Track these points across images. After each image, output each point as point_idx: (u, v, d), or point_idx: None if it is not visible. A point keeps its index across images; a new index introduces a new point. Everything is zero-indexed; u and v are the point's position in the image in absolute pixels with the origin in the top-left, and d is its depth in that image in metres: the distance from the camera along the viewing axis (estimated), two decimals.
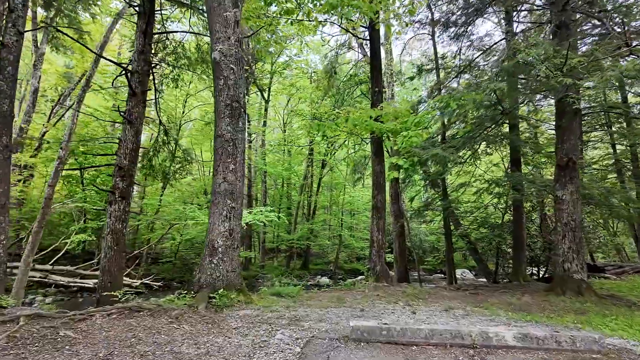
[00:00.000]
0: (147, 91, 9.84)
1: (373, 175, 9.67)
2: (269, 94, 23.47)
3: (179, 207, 18.44)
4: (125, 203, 9.18)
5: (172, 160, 12.35)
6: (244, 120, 6.83)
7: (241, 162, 6.80)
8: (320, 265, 25.72)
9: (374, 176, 9.63)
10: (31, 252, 9.47)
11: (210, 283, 6.51)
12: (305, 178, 23.86)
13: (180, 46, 12.41)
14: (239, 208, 6.85)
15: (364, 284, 8.71)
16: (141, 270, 18.69)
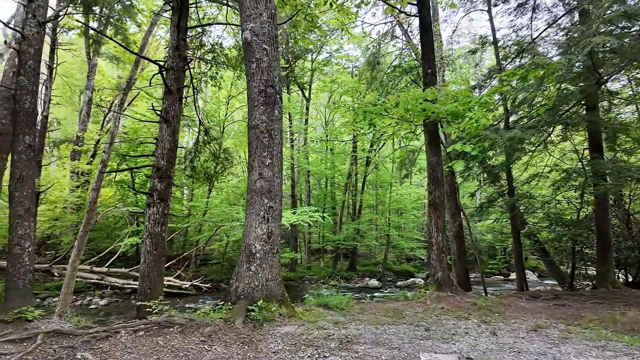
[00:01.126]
0: (183, 88, 9.26)
1: (428, 168, 8.39)
2: (310, 92, 22.65)
3: (225, 209, 18.12)
4: (164, 205, 8.63)
5: (214, 161, 11.80)
6: (280, 108, 5.90)
7: (278, 156, 5.87)
8: (368, 267, 24.48)
9: (430, 169, 8.34)
10: (77, 256, 9.24)
11: (249, 293, 5.63)
12: (349, 176, 22.73)
13: (217, 44, 11.85)
14: (278, 208, 5.92)
15: (423, 294, 7.47)
16: (190, 271, 18.60)
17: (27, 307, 4.83)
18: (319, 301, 6.49)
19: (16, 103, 5.01)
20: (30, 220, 4.99)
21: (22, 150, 4.94)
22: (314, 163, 22.64)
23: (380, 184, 24.56)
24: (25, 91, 4.99)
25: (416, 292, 7.97)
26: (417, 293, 7.80)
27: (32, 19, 5.09)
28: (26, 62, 5.02)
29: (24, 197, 4.92)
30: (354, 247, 22.32)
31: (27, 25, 5.09)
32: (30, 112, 5.09)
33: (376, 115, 6.88)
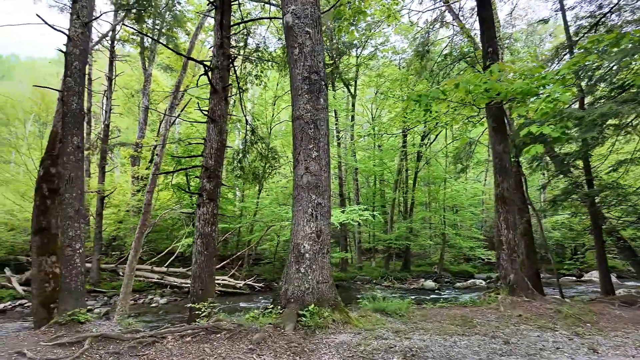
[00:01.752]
0: (229, 87, 9.08)
1: (494, 157, 7.43)
2: (356, 88, 21.99)
3: (274, 209, 18.05)
4: (213, 205, 8.47)
5: (262, 160, 11.61)
6: (326, 96, 5.38)
7: (325, 148, 5.35)
8: (422, 267, 23.29)
9: (495, 159, 7.38)
10: (134, 257, 9.43)
11: (299, 297, 5.17)
12: (399, 173, 21.72)
13: (262, 42, 11.65)
14: (327, 204, 5.40)
15: (493, 298, 6.57)
16: (244, 271, 18.75)
17: (79, 309, 4.76)
18: (376, 306, 5.88)
19: (64, 104, 5.00)
20: (80, 221, 4.95)
21: (71, 152, 4.90)
22: (361, 160, 21.92)
23: (433, 180, 23.26)
24: (72, 92, 4.96)
25: (485, 296, 7.07)
26: (486, 297, 6.90)
27: (77, 19, 5.06)
28: (72, 63, 5.00)
29: (74, 199, 4.88)
30: (407, 247, 21.28)
31: (72, 26, 5.07)
32: (77, 113, 5.05)
33: (432, 99, 6.12)
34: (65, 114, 4.98)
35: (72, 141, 4.94)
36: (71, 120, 4.95)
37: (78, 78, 5.07)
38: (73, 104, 5.00)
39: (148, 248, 19.34)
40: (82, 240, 5.05)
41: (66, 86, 4.99)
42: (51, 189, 7.57)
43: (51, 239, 7.48)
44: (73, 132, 4.98)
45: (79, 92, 5.09)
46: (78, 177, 4.97)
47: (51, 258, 7.41)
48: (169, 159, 18.34)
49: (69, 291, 4.85)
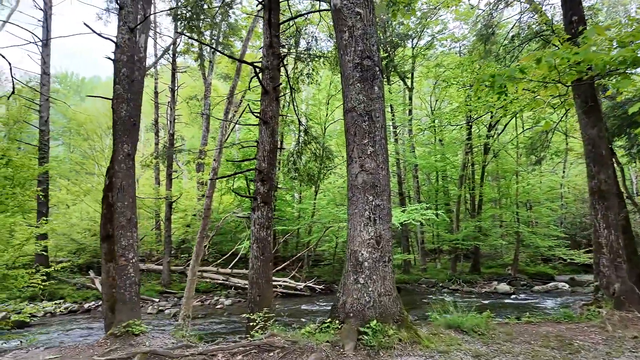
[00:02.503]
0: (279, 87, 8.76)
1: (586, 143, 6.18)
2: (412, 80, 20.78)
3: (331, 210, 17.64)
4: (268, 209, 8.19)
5: (316, 161, 11.19)
6: (381, 84, 4.72)
7: (382, 143, 4.70)
8: (494, 269, 21.32)
9: (588, 145, 6.12)
10: (196, 261, 9.52)
11: (358, 311, 4.57)
12: (465, 168, 20.06)
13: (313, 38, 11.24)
14: (386, 206, 4.74)
15: (594, 313, 5.40)
16: (304, 272, 18.57)
17: (133, 321, 4.64)
18: (449, 321, 5.07)
19: (113, 112, 4.95)
20: (132, 230, 4.85)
21: (122, 160, 4.83)
22: (421, 156, 20.63)
23: (503, 174, 21.20)
24: (121, 99, 4.90)
25: (582, 309, 5.86)
26: (585, 311, 5.70)
27: (123, 26, 5.00)
28: (120, 70, 4.94)
29: (126, 207, 4.80)
30: (476, 247, 19.58)
31: (119, 32, 5.03)
32: (127, 120, 4.98)
33: (508, 79, 5.16)
34: (115, 121, 4.94)
35: (123, 149, 4.87)
36: (121, 127, 4.89)
37: (126, 85, 5.00)
38: (122, 111, 4.94)
39: (213, 250, 19.99)
40: (135, 250, 4.97)
41: (115, 94, 4.94)
42: None
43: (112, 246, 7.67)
44: (123, 139, 4.91)
45: (127, 100, 5.01)
46: (129, 185, 4.89)
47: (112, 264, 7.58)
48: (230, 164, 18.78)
49: (123, 302, 4.78)
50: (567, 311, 5.58)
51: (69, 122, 23.50)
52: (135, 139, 5.32)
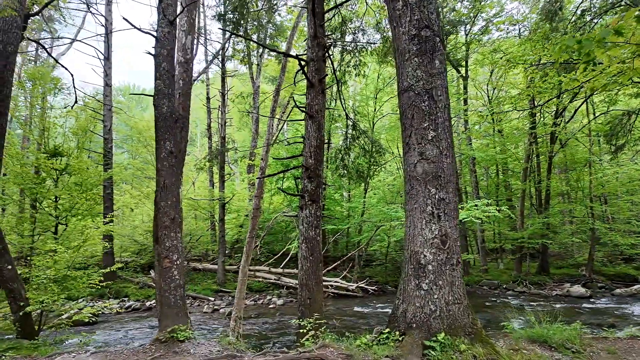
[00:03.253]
0: (325, 79, 8.27)
1: None
2: (467, 68, 19.31)
3: (382, 208, 16.86)
4: (316, 207, 7.72)
5: (365, 156, 10.56)
6: (443, 58, 4.01)
7: (445, 125, 3.99)
8: (564, 269, 19.18)
9: None
10: (246, 261, 9.31)
11: (422, 321, 3.91)
12: (529, 160, 18.21)
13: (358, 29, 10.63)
14: (452, 200, 4.02)
15: None
16: (355, 273, 17.98)
17: (178, 326, 4.38)
18: (531, 334, 4.22)
19: (155, 108, 4.74)
20: (177, 230, 4.60)
21: (164, 157, 4.60)
22: (479, 149, 19.09)
23: (573, 164, 18.97)
24: (162, 94, 4.67)
25: None
26: None
27: (162, 19, 4.77)
28: (160, 65, 4.72)
29: (169, 207, 4.55)
30: (544, 246, 17.68)
31: (159, 26, 4.82)
32: (169, 116, 4.74)
33: (599, 44, 4.20)
34: (157, 118, 4.73)
35: (165, 147, 4.64)
36: (162, 124, 4.67)
37: (167, 80, 4.78)
38: (164, 107, 4.71)
39: (265, 250, 20.06)
40: (180, 251, 4.71)
41: (156, 89, 4.73)
42: None
43: None
44: (165, 136, 4.68)
45: (169, 95, 4.78)
46: (173, 183, 4.65)
47: None
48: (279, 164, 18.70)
49: (168, 306, 4.53)
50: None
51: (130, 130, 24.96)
52: (179, 137, 5.09)
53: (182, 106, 8.04)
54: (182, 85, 8.11)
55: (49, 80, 16.84)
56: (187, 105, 8.15)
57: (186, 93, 8.15)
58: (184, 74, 8.19)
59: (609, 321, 10.49)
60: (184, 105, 8.08)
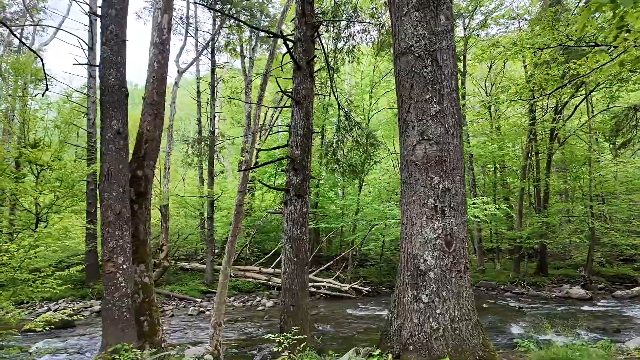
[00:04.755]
0: (314, 60, 7.42)
1: None
2: (465, 63, 18.55)
3: (377, 206, 16.05)
4: (302, 202, 6.87)
5: (359, 149, 9.72)
6: (450, 12, 3.16)
7: (453, 98, 3.15)
8: (563, 270, 18.48)
9: None
10: (228, 262, 8.44)
11: (422, 342, 3.07)
12: (528, 157, 17.45)
13: (353, 12, 9.76)
14: (460, 190, 3.19)
15: None
16: (349, 273, 17.17)
17: (122, 345, 3.51)
18: (554, 355, 3.39)
19: (100, 80, 3.87)
20: (123, 228, 3.73)
21: (110, 139, 3.73)
22: (476, 146, 18.33)
23: (570, 163, 18.25)
24: (109, 63, 3.81)
25: None
26: None
27: None
28: (107, 28, 3.85)
29: (114, 199, 3.69)
30: (543, 246, 16.95)
31: None
32: (117, 90, 3.87)
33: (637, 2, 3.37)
34: (102, 91, 3.86)
35: (112, 126, 3.77)
36: (109, 99, 3.79)
37: (115, 46, 3.91)
38: (110, 78, 3.84)
39: (256, 249, 19.18)
40: (128, 253, 3.85)
41: (101, 57, 3.85)
42: (138, 193, 6.87)
43: (140, 246, 6.77)
44: (112, 114, 3.81)
45: (117, 64, 3.91)
46: (120, 171, 3.78)
47: (140, 267, 6.66)
48: (270, 156, 17.79)
49: (111, 320, 3.65)
50: None
51: None
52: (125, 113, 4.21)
53: (157, 91, 7.16)
54: (157, 68, 7.21)
55: (30, 71, 15.86)
56: (162, 90, 7.27)
57: (161, 77, 7.25)
58: (159, 56, 7.29)
59: (613, 325, 9.84)
60: (159, 90, 7.20)
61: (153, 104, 7.13)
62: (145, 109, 7.14)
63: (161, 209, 16.50)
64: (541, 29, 7.62)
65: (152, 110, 7.10)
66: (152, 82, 7.27)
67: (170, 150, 17.31)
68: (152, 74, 7.43)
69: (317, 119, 15.48)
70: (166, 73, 7.42)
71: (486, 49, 16.81)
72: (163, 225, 16.33)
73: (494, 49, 16.38)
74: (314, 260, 18.28)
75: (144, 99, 7.21)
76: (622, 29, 3.97)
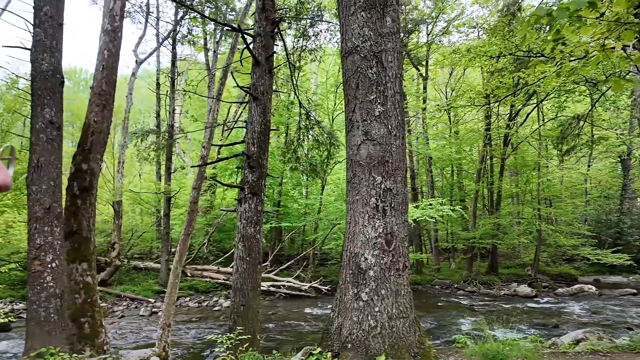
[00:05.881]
0: (273, 57, 7.34)
1: None
2: (427, 69, 19.12)
3: (339, 205, 16.18)
4: (257, 200, 6.77)
5: (319, 148, 9.73)
6: (397, 16, 3.22)
7: (396, 100, 3.21)
8: (512, 269, 19.57)
9: None
10: (179, 262, 8.14)
11: (360, 340, 3.10)
12: (483, 161, 18.32)
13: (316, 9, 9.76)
14: (401, 190, 3.25)
15: None
16: (309, 272, 17.20)
17: (48, 349, 3.27)
18: (486, 351, 3.54)
19: (32, 65, 3.58)
20: (53, 224, 3.48)
21: (41, 129, 3.46)
22: (435, 149, 18.99)
23: (523, 167, 19.38)
24: (42, 47, 3.53)
25: None
26: None
27: None
28: (40, 9, 3.57)
29: (44, 192, 3.43)
30: (494, 246, 17.85)
31: None
32: (51, 76, 3.60)
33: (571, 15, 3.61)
34: (33, 77, 3.58)
35: (43, 114, 3.50)
36: (41, 85, 3.51)
37: (49, 29, 3.63)
38: (44, 63, 3.57)
39: (215, 248, 18.74)
40: (58, 251, 3.59)
41: (34, 40, 3.57)
42: (82, 187, 6.49)
43: (82, 243, 6.40)
44: (44, 101, 3.54)
45: (52, 48, 3.64)
46: (51, 162, 3.52)
47: (82, 265, 6.31)
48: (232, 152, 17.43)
49: (37, 322, 3.39)
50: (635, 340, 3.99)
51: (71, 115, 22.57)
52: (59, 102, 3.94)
53: (106, 81, 6.82)
54: (107, 56, 6.86)
55: None
56: (111, 80, 6.92)
57: (111, 66, 6.90)
58: (110, 44, 6.94)
59: (553, 321, 10.50)
60: (109, 79, 6.85)
61: (101, 94, 6.78)
62: (92, 99, 6.76)
63: (114, 205, 15.71)
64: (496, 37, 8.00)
65: (100, 100, 6.74)
66: (102, 70, 6.91)
67: (125, 144, 16.50)
68: (102, 62, 7.07)
69: (280, 117, 15.34)
70: (117, 62, 7.06)
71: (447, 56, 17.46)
72: (115, 223, 15.53)
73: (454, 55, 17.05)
74: (275, 259, 18.14)
75: (92, 88, 6.83)
76: (558, 42, 4.23)
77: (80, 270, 6.30)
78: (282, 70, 12.36)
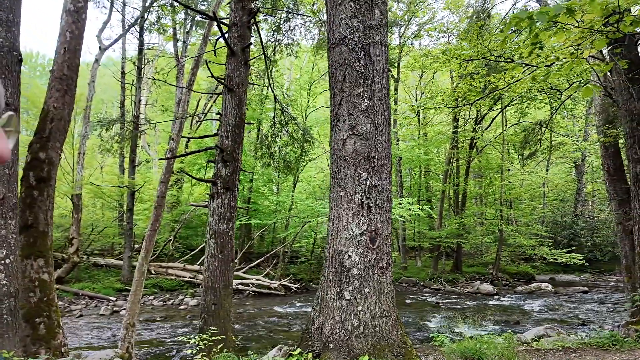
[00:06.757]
0: (249, 48, 7.09)
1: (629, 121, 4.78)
2: (399, 71, 19.41)
3: (310, 203, 16.08)
4: (230, 196, 6.52)
5: (293, 145, 9.57)
6: (385, 8, 3.14)
7: (383, 95, 3.13)
8: (475, 268, 20.33)
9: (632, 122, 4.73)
10: (144, 259, 7.72)
11: (342, 340, 3.00)
12: (450, 163, 18.87)
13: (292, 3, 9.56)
14: (386, 187, 3.19)
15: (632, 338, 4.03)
16: (279, 270, 16.99)
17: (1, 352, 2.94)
18: (464, 349, 3.56)
19: None
20: (8, 216, 3.12)
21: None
22: (405, 150, 19.35)
23: (485, 170, 20.17)
24: None
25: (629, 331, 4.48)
26: (633, 333, 4.33)
27: None
28: None
29: None
30: (459, 245, 18.45)
31: None
32: (6, 52, 3.22)
33: (550, 20, 3.71)
34: None
35: None
36: None
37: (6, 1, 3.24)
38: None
39: (182, 245, 18.07)
40: (12, 246, 3.24)
41: None
42: (39, 178, 5.98)
43: (39, 238, 5.90)
44: None
45: (7, 22, 3.24)
46: None
47: (38, 261, 5.82)
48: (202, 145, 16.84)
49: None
50: (613, 333, 4.18)
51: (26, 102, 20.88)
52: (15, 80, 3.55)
53: (68, 65, 6.30)
54: (70, 39, 6.35)
55: None
56: (74, 64, 6.40)
57: (74, 49, 6.39)
58: (73, 26, 6.42)
59: (514, 318, 10.95)
60: (71, 63, 6.33)
61: (63, 78, 6.28)
62: (52, 84, 6.25)
63: (73, 198, 14.73)
64: (467, 41, 8.18)
65: (61, 85, 6.25)
66: (63, 53, 6.41)
67: (87, 134, 15.50)
68: (64, 44, 6.56)
69: (254, 112, 15.01)
70: (81, 45, 6.56)
71: (418, 59, 17.78)
72: (74, 217, 14.57)
73: (425, 59, 17.40)
74: (244, 256, 17.77)
75: (52, 72, 6.32)
76: (536, 45, 4.33)
77: (35, 267, 5.84)
78: (257, 64, 12.06)
